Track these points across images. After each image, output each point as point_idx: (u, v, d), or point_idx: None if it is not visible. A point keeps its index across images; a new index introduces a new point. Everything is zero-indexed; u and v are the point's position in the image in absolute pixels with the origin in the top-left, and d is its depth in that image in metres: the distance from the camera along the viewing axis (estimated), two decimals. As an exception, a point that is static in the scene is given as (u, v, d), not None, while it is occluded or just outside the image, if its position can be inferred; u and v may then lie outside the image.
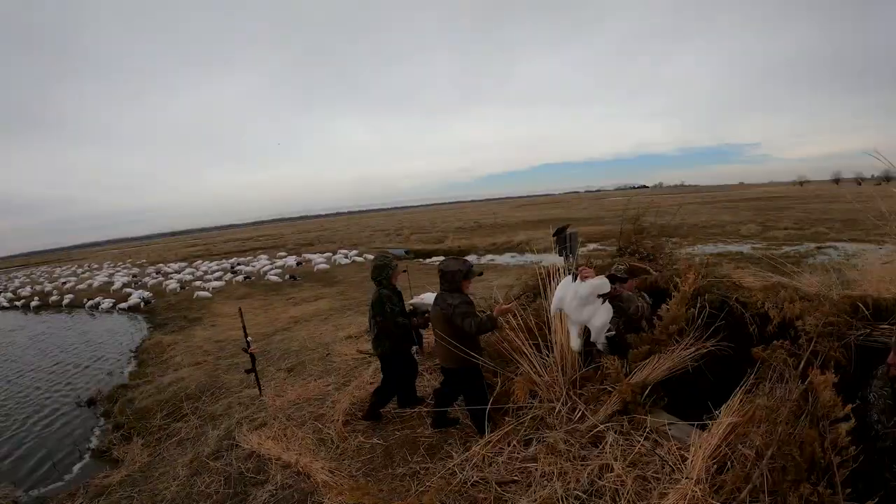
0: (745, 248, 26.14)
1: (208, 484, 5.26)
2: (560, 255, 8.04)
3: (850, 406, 3.07)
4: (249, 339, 7.55)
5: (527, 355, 5.16)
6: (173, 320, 18.24)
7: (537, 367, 5.03)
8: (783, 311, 4.49)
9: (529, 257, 27.12)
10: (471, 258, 29.94)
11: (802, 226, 31.28)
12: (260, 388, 7.63)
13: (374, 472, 4.97)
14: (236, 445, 5.94)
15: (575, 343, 4.77)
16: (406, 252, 35.70)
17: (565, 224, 8.33)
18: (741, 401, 3.68)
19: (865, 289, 4.99)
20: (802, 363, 3.75)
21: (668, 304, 4.80)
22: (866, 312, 4.13)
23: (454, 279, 5.12)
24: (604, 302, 4.58)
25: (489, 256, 32.36)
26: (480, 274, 5.41)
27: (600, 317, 4.59)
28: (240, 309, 7.70)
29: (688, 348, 4.54)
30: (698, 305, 4.84)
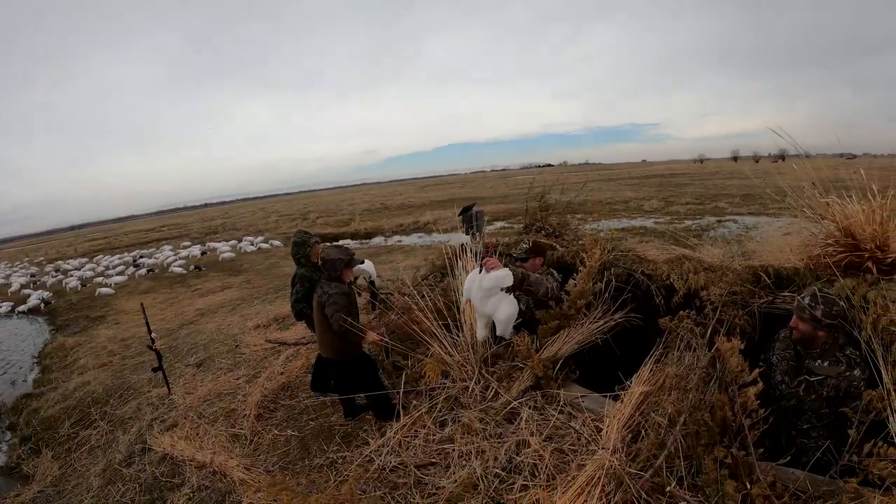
0: (649, 222, 26.89)
1: (123, 493, 5.09)
2: (467, 234, 8.09)
3: (756, 370, 3.25)
4: (154, 335, 7.31)
5: (437, 336, 5.18)
6: (76, 321, 17.46)
7: (448, 347, 5.05)
8: (688, 283, 4.68)
9: (437, 237, 27.06)
10: (377, 240, 29.96)
11: (703, 201, 32.33)
12: (169, 387, 7.44)
13: (291, 465, 4.90)
14: (148, 449, 5.76)
15: (481, 334, 4.85)
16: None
17: (471, 203, 8.36)
18: (651, 370, 3.81)
19: (766, 259, 5.25)
20: (709, 331, 3.95)
21: (575, 280, 4.87)
22: (768, 281, 4.40)
23: (335, 268, 5.08)
24: (509, 293, 4.63)
25: (396, 237, 32.11)
26: (362, 262, 5.58)
27: (503, 310, 4.63)
28: (142, 304, 7.47)
29: (596, 321, 4.68)
30: (605, 279, 4.99)
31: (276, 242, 32.16)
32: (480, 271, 4.66)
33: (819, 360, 3.44)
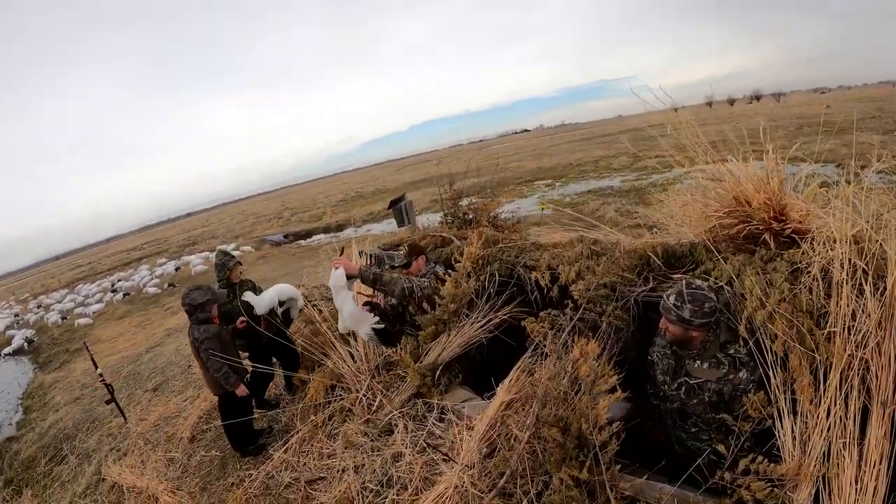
0: (616, 181, 26.99)
1: None
2: (399, 226, 8.21)
3: (613, 378, 3.03)
4: (99, 370, 7.43)
5: (335, 346, 5.21)
6: (56, 356, 17.50)
7: (345, 356, 5.05)
8: (557, 275, 4.30)
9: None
10: (348, 231, 30.04)
11: (674, 152, 32.45)
12: (124, 416, 7.60)
13: (209, 485, 5.14)
14: (102, 480, 6.05)
15: (341, 326, 4.88)
16: (285, 237, 35.33)
17: (399, 196, 8.49)
18: (517, 377, 3.60)
19: (672, 233, 4.64)
20: (564, 334, 3.62)
21: (453, 278, 4.73)
22: (658, 262, 3.97)
23: (204, 310, 5.06)
24: (350, 288, 4.69)
25: (367, 227, 32.17)
26: (223, 297, 5.43)
27: (346, 307, 4.66)
28: (84, 344, 7.64)
29: (479, 321, 4.50)
30: (487, 274, 4.78)
31: (247, 248, 31.97)
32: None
33: (698, 362, 3.11)
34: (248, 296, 5.66)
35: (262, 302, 5.77)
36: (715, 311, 3.00)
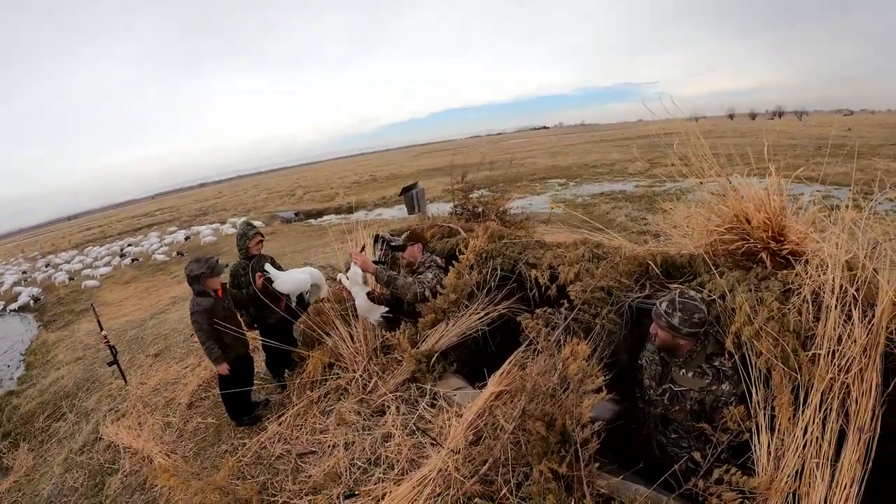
0: (630, 186, 26.85)
1: (76, 478, 5.61)
2: (410, 213, 8.26)
3: (601, 379, 3.06)
4: (104, 332, 7.56)
5: (336, 325, 5.29)
6: (61, 315, 17.68)
7: (345, 337, 5.13)
8: (557, 275, 4.37)
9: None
10: (359, 214, 29.98)
11: (689, 161, 32.27)
12: (125, 378, 7.77)
13: (203, 451, 5.28)
14: (99, 438, 6.21)
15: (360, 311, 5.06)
16: (296, 214, 35.19)
17: (412, 183, 8.54)
18: (509, 370, 3.72)
19: (677, 243, 4.58)
20: (557, 333, 3.67)
21: (456, 270, 4.87)
22: (657, 271, 4.02)
23: (198, 282, 5.10)
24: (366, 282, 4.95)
25: (378, 210, 32.22)
26: (223, 270, 5.41)
27: (359, 300, 4.90)
28: (92, 305, 7.76)
29: (478, 313, 4.63)
30: (490, 268, 4.88)
31: (258, 223, 31.81)
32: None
33: (683, 370, 3.19)
34: (270, 268, 5.66)
35: (288, 280, 5.75)
36: (704, 323, 3.06)
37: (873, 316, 2.85)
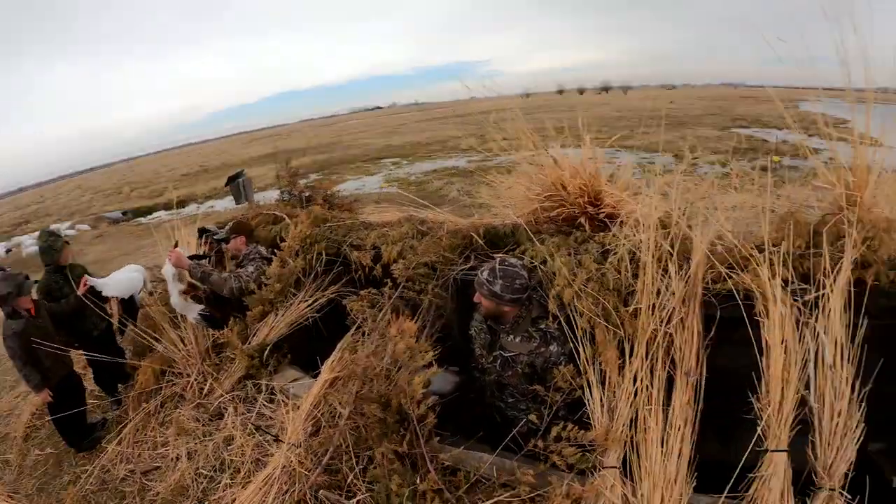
0: (462, 161, 27.41)
1: None
2: (237, 203, 7.97)
3: (429, 354, 3.13)
4: None
5: (165, 329, 5.07)
6: None
7: (175, 340, 4.93)
8: (379, 253, 4.38)
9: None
10: (190, 208, 28.76)
11: (509, 136, 33.34)
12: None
13: (46, 485, 4.83)
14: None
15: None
16: (124, 214, 32.87)
17: (237, 171, 8.27)
18: (340, 356, 3.72)
19: (499, 214, 4.71)
20: (382, 313, 3.73)
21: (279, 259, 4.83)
22: (481, 242, 4.09)
23: (6, 302, 4.68)
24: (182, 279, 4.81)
25: (209, 203, 31.08)
26: (31, 287, 5.00)
27: (173, 299, 4.77)
28: None
29: (306, 300, 4.60)
30: (314, 253, 4.83)
31: (83, 226, 29.82)
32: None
33: (511, 336, 3.21)
34: (93, 279, 5.24)
35: (119, 282, 5.47)
36: (526, 289, 3.12)
37: (689, 269, 3.03)
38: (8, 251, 29.31)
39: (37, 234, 28.49)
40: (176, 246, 4.98)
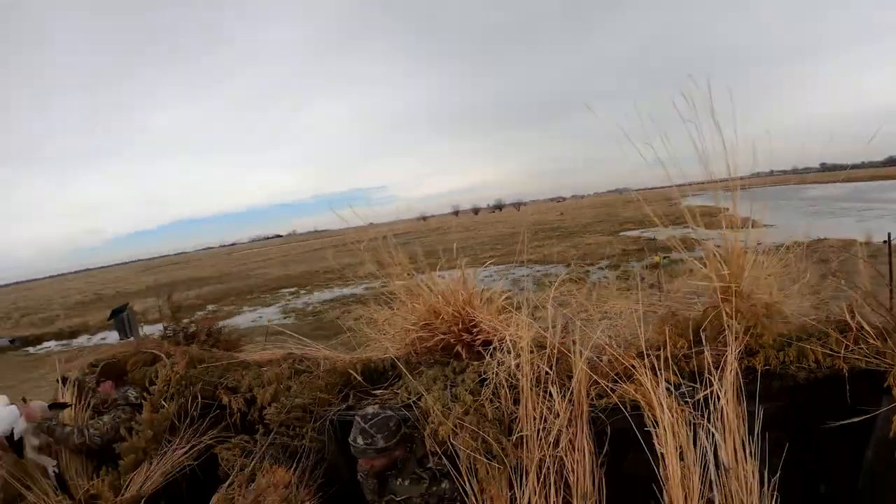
0: (360, 289, 27.51)
1: None
2: (122, 338, 7.61)
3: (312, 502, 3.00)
4: None
5: (37, 478, 4.41)
6: None
7: (48, 490, 4.30)
8: (252, 397, 4.17)
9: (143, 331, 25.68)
10: (81, 339, 27.81)
11: (416, 259, 33.97)
12: None
13: None
14: None
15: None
16: (12, 341, 30.89)
17: (122, 305, 7.99)
18: None
19: (380, 349, 4.60)
20: (252, 463, 3.54)
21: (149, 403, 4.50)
22: (359, 379, 3.90)
23: None
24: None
25: (102, 334, 29.11)
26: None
27: (27, 451, 4.33)
28: None
29: (183, 447, 4.24)
30: (190, 396, 4.51)
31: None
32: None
33: (399, 479, 3.03)
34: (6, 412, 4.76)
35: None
36: (400, 425, 2.97)
37: (572, 387, 2.97)
38: None
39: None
40: (25, 402, 4.52)
